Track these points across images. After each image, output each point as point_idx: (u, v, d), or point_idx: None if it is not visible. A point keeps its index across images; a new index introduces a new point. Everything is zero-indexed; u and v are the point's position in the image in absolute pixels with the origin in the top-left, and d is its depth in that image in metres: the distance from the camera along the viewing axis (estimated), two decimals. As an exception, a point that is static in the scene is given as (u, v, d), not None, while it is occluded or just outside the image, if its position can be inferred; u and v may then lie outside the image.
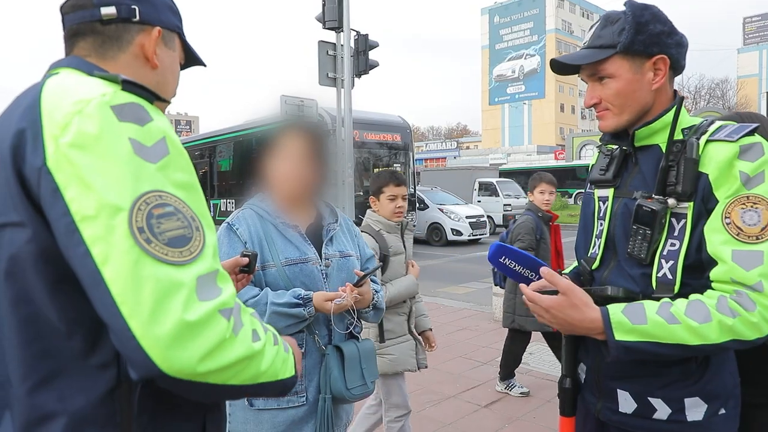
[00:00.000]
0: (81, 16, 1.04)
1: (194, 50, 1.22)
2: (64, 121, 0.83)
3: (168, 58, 1.13)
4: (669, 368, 1.31)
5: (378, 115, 13.84)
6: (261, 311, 1.67)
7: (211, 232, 0.89)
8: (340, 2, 8.85)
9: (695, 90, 47.87)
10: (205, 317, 0.80)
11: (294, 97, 9.78)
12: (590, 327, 1.26)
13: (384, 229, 2.85)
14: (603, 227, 1.45)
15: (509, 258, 1.47)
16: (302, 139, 1.83)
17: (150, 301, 0.77)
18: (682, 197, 1.26)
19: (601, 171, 1.49)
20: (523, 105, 72.03)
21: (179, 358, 0.78)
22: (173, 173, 0.86)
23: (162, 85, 1.12)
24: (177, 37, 1.16)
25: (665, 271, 1.29)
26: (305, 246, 1.82)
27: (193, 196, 0.89)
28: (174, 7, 1.15)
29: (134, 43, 1.06)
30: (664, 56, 1.33)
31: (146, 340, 0.77)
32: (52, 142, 0.83)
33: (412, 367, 2.88)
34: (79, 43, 1.05)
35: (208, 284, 0.84)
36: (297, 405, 1.75)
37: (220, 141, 16.59)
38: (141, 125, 0.85)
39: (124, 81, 0.90)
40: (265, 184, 1.87)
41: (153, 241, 0.79)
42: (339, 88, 9.45)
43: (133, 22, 1.05)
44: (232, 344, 0.83)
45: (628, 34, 1.32)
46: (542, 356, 5.00)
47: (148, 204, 0.81)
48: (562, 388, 1.51)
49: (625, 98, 1.36)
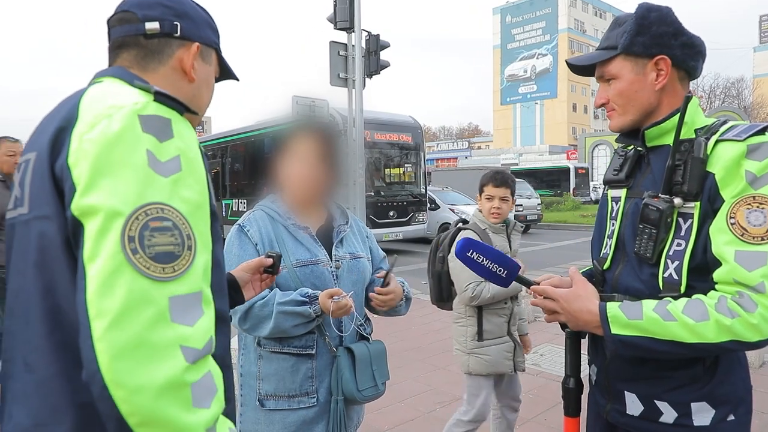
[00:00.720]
0: (127, 29, 1.09)
1: (229, 65, 1.27)
2: (93, 122, 0.88)
3: (204, 72, 1.18)
4: (675, 371, 1.31)
5: (389, 115, 13.83)
6: (269, 312, 1.68)
7: (204, 252, 0.91)
8: (352, 3, 8.88)
9: (710, 89, 47.31)
10: (164, 344, 0.80)
11: (305, 97, 9.82)
12: (588, 319, 1.29)
13: (489, 229, 2.80)
14: (614, 227, 1.46)
15: (477, 252, 1.44)
16: (314, 140, 1.83)
17: (116, 309, 0.79)
18: (688, 197, 1.26)
19: (615, 171, 1.50)
20: (535, 105, 71.68)
21: (123, 371, 0.78)
22: (182, 190, 0.89)
23: (197, 98, 1.17)
24: (214, 53, 1.21)
25: (671, 272, 1.29)
26: (316, 247, 1.83)
27: (197, 215, 0.91)
28: (213, 24, 1.20)
29: (174, 57, 1.12)
30: (664, 57, 1.34)
31: (100, 344, 0.78)
32: (77, 138, 0.88)
33: (507, 369, 2.81)
34: (123, 55, 1.10)
35: (187, 305, 0.85)
36: (308, 406, 1.76)
37: (232, 141, 16.69)
38: (160, 141, 0.89)
39: (157, 92, 0.94)
40: (277, 186, 1.88)
41: (139, 252, 0.82)
42: (350, 89, 9.48)
43: (174, 37, 1.10)
44: (180, 399, 0.81)
45: (628, 35, 1.35)
46: (553, 357, 4.98)
47: (147, 215, 0.83)
48: (565, 388, 1.52)
49: (627, 98, 1.38)
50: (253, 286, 1.53)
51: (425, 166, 14.66)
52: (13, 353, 0.95)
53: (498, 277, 1.46)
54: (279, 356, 1.77)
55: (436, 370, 4.76)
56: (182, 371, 0.81)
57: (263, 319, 1.69)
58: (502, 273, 1.45)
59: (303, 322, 1.71)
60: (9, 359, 0.95)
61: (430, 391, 4.28)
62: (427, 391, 4.27)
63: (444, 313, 3.21)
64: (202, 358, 0.86)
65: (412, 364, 4.90)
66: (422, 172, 13.94)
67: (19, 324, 0.94)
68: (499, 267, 1.45)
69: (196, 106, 1.16)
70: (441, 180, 20.94)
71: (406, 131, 13.64)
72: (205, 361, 0.87)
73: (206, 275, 0.91)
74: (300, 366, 1.76)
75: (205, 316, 0.88)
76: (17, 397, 0.93)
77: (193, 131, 0.98)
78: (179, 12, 1.12)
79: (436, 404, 4.04)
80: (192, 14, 1.14)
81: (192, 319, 0.85)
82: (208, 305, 0.90)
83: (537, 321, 6.13)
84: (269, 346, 1.78)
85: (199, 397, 0.84)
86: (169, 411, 0.80)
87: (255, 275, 1.53)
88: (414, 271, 9.88)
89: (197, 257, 0.88)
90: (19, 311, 0.94)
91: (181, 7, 1.13)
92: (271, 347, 1.77)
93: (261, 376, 1.78)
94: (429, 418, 3.80)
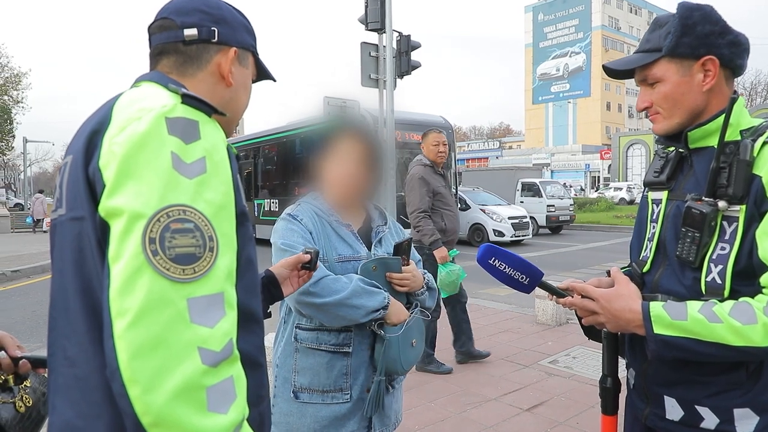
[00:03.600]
0: (166, 36, 1.12)
1: (266, 67, 1.29)
2: (124, 125, 0.91)
3: (241, 75, 1.19)
4: (716, 376, 1.28)
5: (420, 115, 13.79)
6: (341, 286, 1.71)
7: (228, 253, 0.92)
8: (383, 3, 8.89)
9: (751, 86, 45.86)
10: (182, 345, 0.82)
11: (337, 98, 9.88)
12: (630, 318, 1.27)
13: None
14: (655, 230, 1.43)
15: (499, 260, 1.43)
16: (357, 141, 1.86)
17: (136, 308, 0.81)
18: (733, 200, 1.23)
19: (656, 173, 1.47)
20: (567, 104, 70.56)
21: (140, 369, 0.79)
22: (206, 191, 0.90)
23: (234, 100, 1.19)
24: (251, 55, 1.23)
25: (714, 276, 1.26)
26: (357, 244, 1.86)
27: (221, 216, 0.92)
28: (249, 27, 1.22)
29: (212, 62, 1.13)
30: (712, 57, 1.30)
31: (120, 342, 0.80)
32: (108, 141, 0.91)
33: None
34: (163, 61, 1.13)
35: (208, 306, 0.86)
36: (341, 402, 1.78)
37: (266, 142, 16.91)
38: (186, 143, 0.90)
39: (185, 95, 0.96)
40: (319, 185, 1.91)
41: (159, 254, 0.83)
42: (381, 89, 9.50)
43: (212, 42, 1.12)
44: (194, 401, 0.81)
45: (673, 36, 1.31)
46: (586, 360, 4.91)
47: (169, 217, 0.85)
48: (603, 387, 1.52)
49: (674, 101, 1.34)
50: (291, 282, 1.56)
51: (456, 166, 14.60)
52: (55, 348, 0.98)
53: (520, 284, 1.45)
54: (315, 352, 1.80)
55: (467, 371, 4.74)
56: (199, 373, 0.82)
57: (334, 291, 1.71)
58: (524, 280, 1.45)
59: (371, 308, 1.74)
60: (52, 354, 0.99)
61: (461, 391, 4.26)
62: (458, 392, 4.25)
63: (476, 316, 3.19)
64: (223, 361, 0.86)
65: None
66: (453, 173, 13.88)
67: (61, 320, 0.97)
68: (521, 274, 1.44)
69: (233, 109, 1.18)
70: (472, 180, 20.85)
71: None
72: (227, 365, 0.87)
73: (230, 277, 0.93)
74: (335, 362, 1.79)
75: (226, 318, 0.88)
76: (60, 390, 0.97)
77: (221, 132, 1.00)
78: (217, 17, 1.14)
79: (466, 405, 4.02)
80: (229, 18, 1.16)
81: (212, 320, 0.86)
82: (230, 307, 0.90)
83: (569, 323, 6.04)
84: (306, 341, 1.81)
85: (215, 401, 0.84)
86: (182, 413, 0.81)
87: (293, 271, 1.55)
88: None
89: (219, 258, 0.89)
90: (61, 308, 0.98)
91: (219, 12, 1.15)
92: (308, 343, 1.80)
93: (297, 369, 1.81)
94: (460, 419, 3.79)
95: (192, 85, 1.10)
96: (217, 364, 0.85)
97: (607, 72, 1.48)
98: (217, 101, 1.10)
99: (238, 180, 1.01)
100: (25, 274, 11.40)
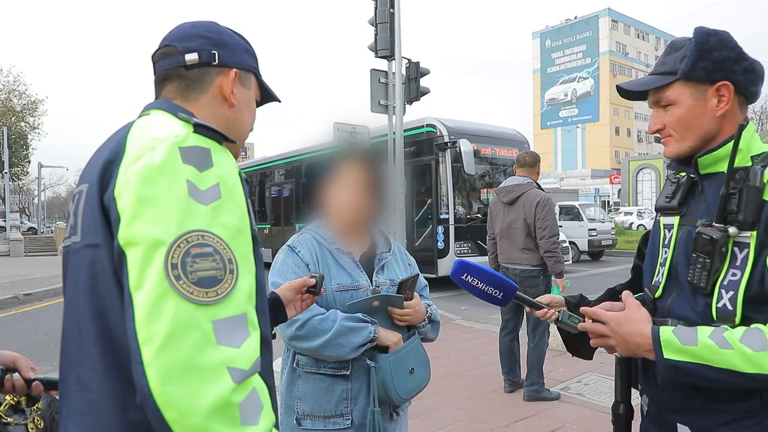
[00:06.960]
0: (169, 62, 1.15)
1: (269, 88, 1.32)
2: (138, 154, 0.93)
3: (244, 96, 1.22)
4: (730, 404, 1.26)
5: (494, 127, 12.98)
6: (327, 327, 1.73)
7: (248, 275, 0.94)
8: (392, 31, 9.06)
9: (761, 111, 45.73)
10: (212, 367, 0.83)
11: (346, 123, 9.99)
12: (640, 342, 1.27)
13: None
14: (667, 255, 1.43)
15: (472, 275, 1.46)
16: (360, 167, 1.88)
17: (164, 333, 0.82)
18: (744, 226, 1.23)
19: (667, 198, 1.47)
20: (576, 128, 70.69)
21: (173, 394, 0.81)
22: (222, 216, 0.92)
23: (239, 121, 1.21)
24: (253, 77, 1.25)
25: (725, 302, 1.25)
26: (357, 273, 1.86)
27: (239, 239, 0.94)
28: (250, 49, 1.25)
29: (214, 85, 1.16)
30: (727, 83, 1.31)
31: (150, 368, 0.82)
32: (123, 170, 0.93)
33: None
34: (167, 87, 1.16)
35: (233, 327, 0.88)
36: (342, 427, 1.79)
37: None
38: (200, 170, 0.93)
39: (196, 124, 0.99)
40: (323, 211, 1.93)
41: (182, 279, 0.85)
42: (390, 115, 9.60)
43: (212, 65, 1.15)
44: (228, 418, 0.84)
45: (689, 60, 1.31)
46: (598, 386, 4.83)
47: (188, 242, 0.87)
48: (615, 413, 1.51)
49: (686, 125, 1.35)
50: (294, 305, 1.58)
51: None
52: (68, 373, 0.99)
53: (494, 298, 1.48)
54: (315, 377, 1.81)
55: (477, 398, 4.68)
56: (230, 392, 0.84)
57: (320, 332, 1.74)
58: (498, 294, 1.48)
59: (356, 344, 1.75)
60: (65, 379, 1.00)
61: (471, 418, 4.20)
62: (468, 418, 4.20)
63: (484, 339, 3.17)
64: (249, 378, 0.88)
65: (453, 391, 4.84)
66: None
67: (74, 346, 0.99)
68: (494, 289, 1.47)
69: (238, 130, 1.20)
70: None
71: (513, 145, 12.58)
72: (250, 379, 0.89)
73: (251, 298, 0.94)
74: (335, 387, 1.80)
75: (251, 338, 0.90)
76: (72, 415, 0.98)
77: (232, 159, 1.02)
78: (216, 41, 1.17)
79: (477, 433, 3.96)
80: (229, 42, 1.19)
81: (238, 340, 0.88)
82: (254, 327, 0.92)
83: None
84: (306, 366, 1.83)
85: (247, 414, 0.87)
86: (219, 430, 0.83)
87: (297, 295, 1.58)
88: (453, 296, 9.81)
89: (240, 280, 0.91)
90: (73, 334, 0.99)
91: (218, 36, 1.17)
92: (308, 368, 1.82)
93: (299, 396, 1.83)
94: (470, 446, 3.73)
95: (196, 108, 1.13)
96: (242, 380, 0.87)
97: (620, 92, 1.48)
98: (221, 123, 1.13)
99: (249, 204, 1.03)
100: (37, 297, 11.50)
